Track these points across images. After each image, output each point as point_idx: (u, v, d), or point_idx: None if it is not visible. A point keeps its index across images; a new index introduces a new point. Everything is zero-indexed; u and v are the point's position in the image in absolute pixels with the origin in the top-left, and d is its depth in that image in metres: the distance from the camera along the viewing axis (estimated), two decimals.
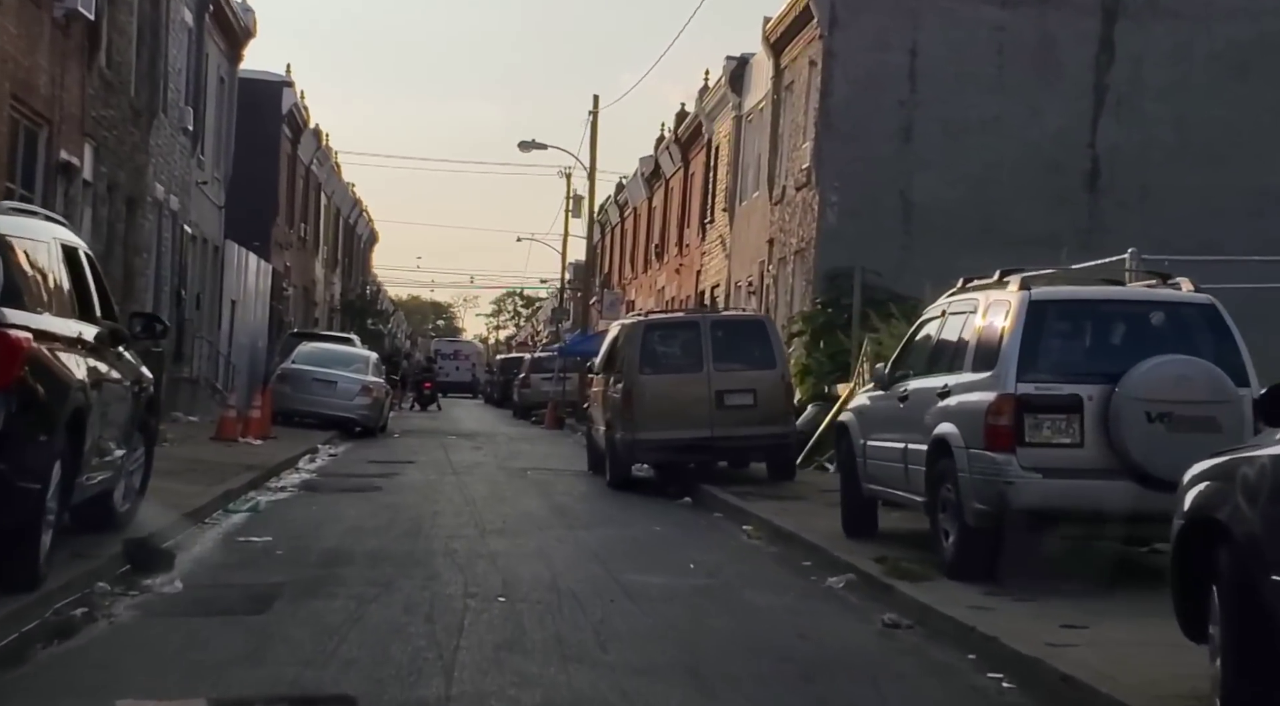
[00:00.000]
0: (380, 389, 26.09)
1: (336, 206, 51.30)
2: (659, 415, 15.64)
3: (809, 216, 22.07)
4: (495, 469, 18.96)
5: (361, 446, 22.89)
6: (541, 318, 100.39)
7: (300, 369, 25.33)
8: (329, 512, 12.62)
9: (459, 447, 23.62)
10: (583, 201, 66.04)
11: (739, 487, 15.19)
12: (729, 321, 16.63)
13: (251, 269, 30.82)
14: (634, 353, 15.86)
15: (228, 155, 27.99)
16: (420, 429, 29.73)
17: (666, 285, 38.45)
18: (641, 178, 43.38)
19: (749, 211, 27.39)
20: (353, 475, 16.86)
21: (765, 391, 15.78)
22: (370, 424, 25.32)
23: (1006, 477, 8.30)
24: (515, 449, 24.07)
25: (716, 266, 30.33)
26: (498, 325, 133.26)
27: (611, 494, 15.71)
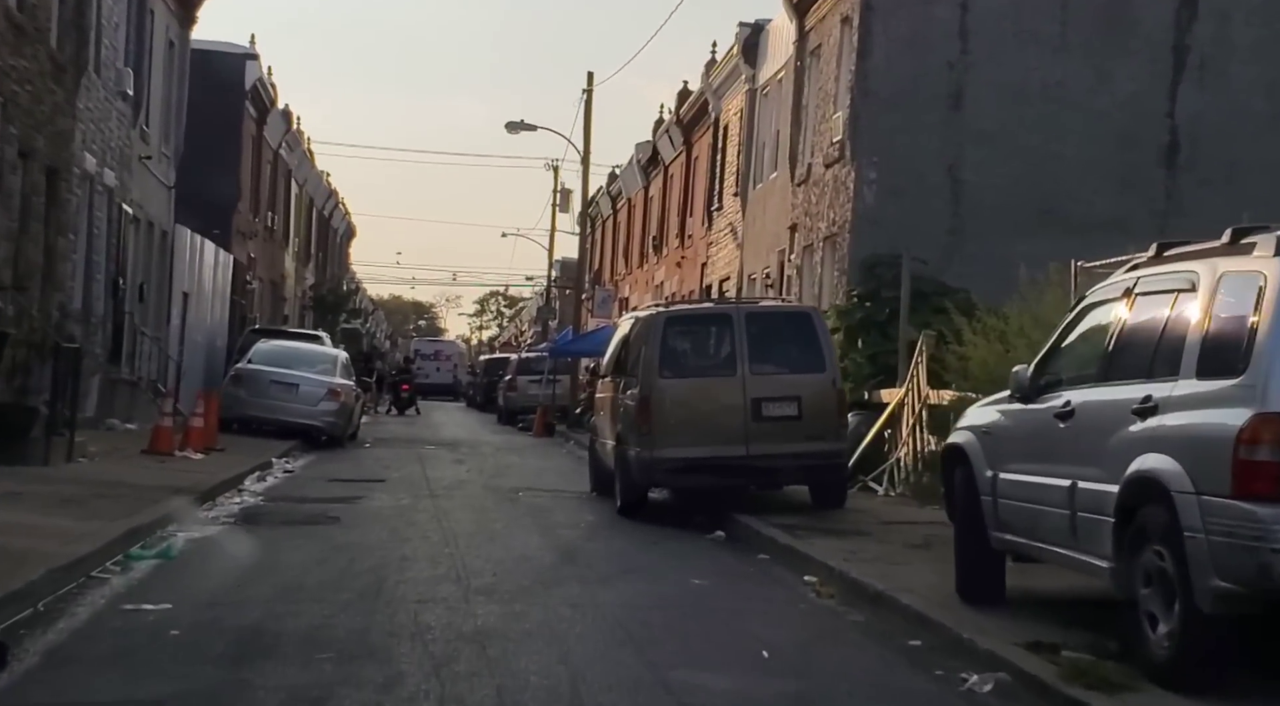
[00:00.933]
0: (349, 392, 23.11)
1: (309, 196, 48.24)
2: (682, 428, 12.75)
3: (842, 197, 19.18)
4: (481, 489, 16.00)
5: (325, 459, 19.91)
6: (526, 317, 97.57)
7: (256, 370, 22.33)
8: (264, 559, 9.65)
9: (438, 461, 20.66)
10: (571, 195, 63.04)
11: (781, 517, 12.30)
12: (768, 314, 13.68)
13: (209, 258, 27.78)
14: (652, 352, 12.95)
15: (179, 129, 24.97)
16: (395, 437, 26.74)
17: (666, 280, 35.52)
18: (637, 165, 40.44)
19: (765, 195, 24.50)
20: (307, 499, 13.89)
21: (812, 400, 12.87)
22: (337, 432, 22.35)
23: (1273, 542, 5.42)
24: (502, 462, 21.12)
25: (726, 257, 27.43)
26: (480, 325, 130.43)
27: (625, 525, 12.77)
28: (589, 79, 32.92)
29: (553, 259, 64.40)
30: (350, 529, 11.58)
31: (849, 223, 18.78)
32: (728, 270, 27.09)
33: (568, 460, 22.63)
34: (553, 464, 21.35)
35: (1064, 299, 11.39)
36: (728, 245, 27.36)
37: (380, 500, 14.04)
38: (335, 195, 55.20)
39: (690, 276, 31.64)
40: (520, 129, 33.63)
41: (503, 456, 22.48)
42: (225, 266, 30.18)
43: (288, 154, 40.70)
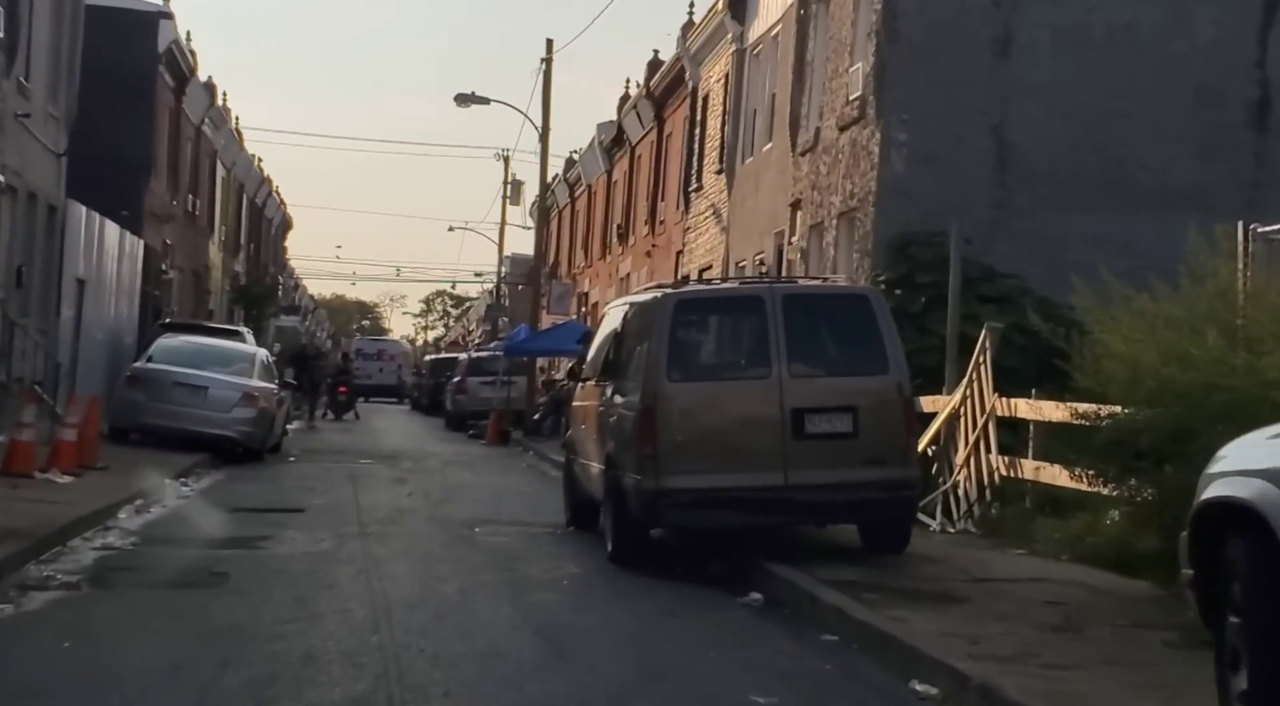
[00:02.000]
0: (269, 397, 19.59)
1: (239, 181, 44.48)
2: (698, 449, 9.47)
3: (862, 164, 15.96)
4: (426, 522, 12.57)
5: (236, 478, 16.42)
6: (474, 316, 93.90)
7: (157, 370, 18.78)
8: (90, 663, 6.23)
9: (375, 480, 17.22)
10: (523, 186, 59.71)
11: (829, 568, 9.06)
12: (813, 296, 10.28)
13: (111, 241, 24.09)
14: (658, 347, 9.62)
15: (70, 88, 21.33)
16: (327, 447, 23.23)
17: (633, 272, 32.19)
18: (599, 148, 37.12)
19: (756, 170, 21.26)
20: (194, 542, 10.45)
21: (872, 410, 9.60)
22: (254, 443, 18.83)
23: None
24: (452, 480, 17.71)
25: (707, 243, 24.16)
26: (426, 325, 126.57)
27: (623, 581, 9.43)
28: (548, 47, 29.57)
29: (503, 254, 61.08)
30: (240, 596, 8.15)
31: (872, 195, 15.56)
32: (709, 258, 23.82)
33: (529, 476, 19.27)
34: (512, 482, 17.98)
35: (1233, 275, 8.22)
36: (709, 229, 24.10)
37: (292, 542, 10.61)
38: (269, 182, 51.45)
39: (663, 266, 28.34)
40: (471, 102, 30.19)
41: (452, 472, 19.06)
42: (134, 252, 26.48)
43: (212, 132, 36.98)
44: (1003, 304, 14.36)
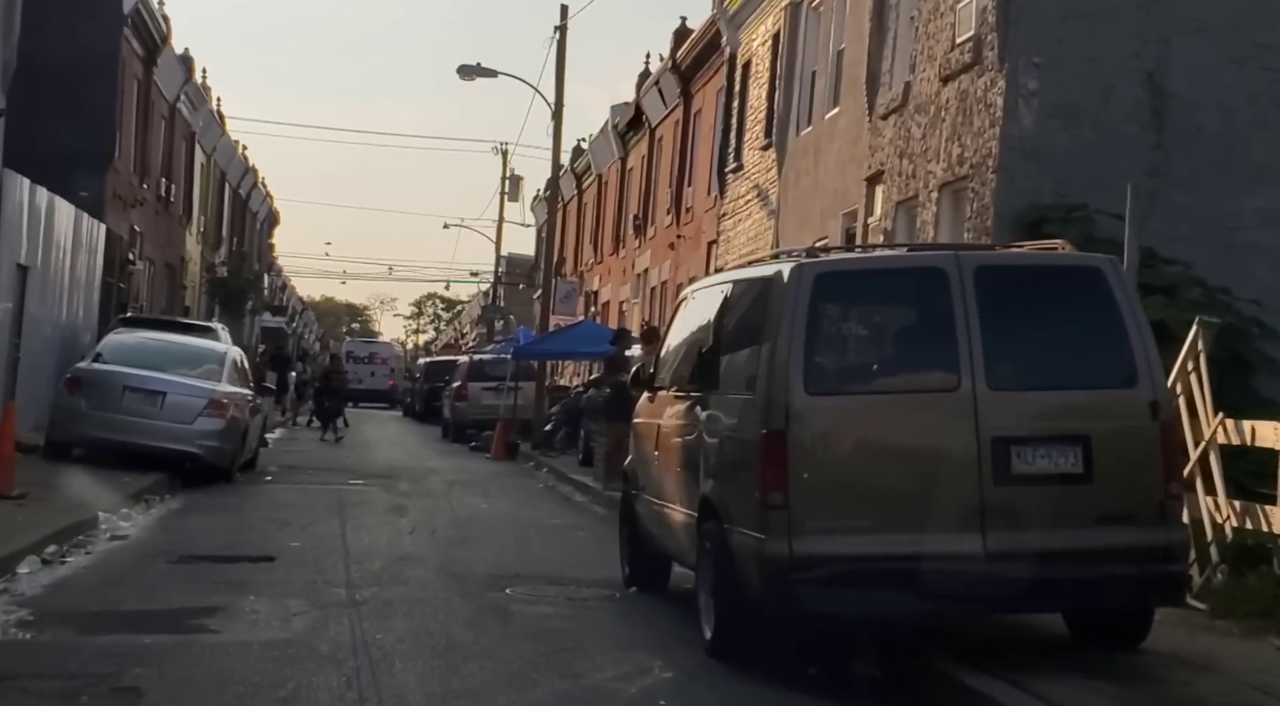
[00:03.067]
0: (241, 404, 16.39)
1: (221, 170, 41.22)
2: (852, 496, 6.32)
3: (978, 121, 12.81)
4: (437, 578, 9.33)
5: (193, 508, 13.23)
6: (467, 318, 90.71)
7: (103, 372, 15.56)
8: None
9: (368, 508, 14.01)
10: (521, 182, 56.81)
11: (1042, 677, 6.03)
12: (1020, 270, 6.93)
13: (63, 223, 20.87)
14: (788, 343, 6.44)
15: (7, 39, 18.10)
16: (310, 464, 20.01)
17: (653, 267, 29.05)
18: (612, 133, 33.98)
19: (817, 142, 18.11)
20: (104, 619, 7.27)
21: (1114, 441, 6.44)
22: (222, 460, 15.64)
23: None
24: (463, 508, 14.50)
25: (750, 230, 21.01)
26: (418, 329, 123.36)
27: (743, 695, 6.28)
28: (562, 13, 26.39)
29: (500, 252, 57.94)
30: None
31: (991, 158, 12.41)
32: (753, 246, 20.66)
33: (552, 503, 16.09)
34: (534, 511, 14.81)
35: None
36: (753, 214, 20.95)
37: (250, 620, 7.41)
38: (254, 173, 48.19)
39: (691, 260, 25.21)
40: (476, 74, 26.98)
41: (460, 497, 15.86)
42: (94, 238, 23.26)
43: (189, 112, 33.74)
44: (1171, 294, 11.25)
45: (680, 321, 8.58)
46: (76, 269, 21.96)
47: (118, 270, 26.56)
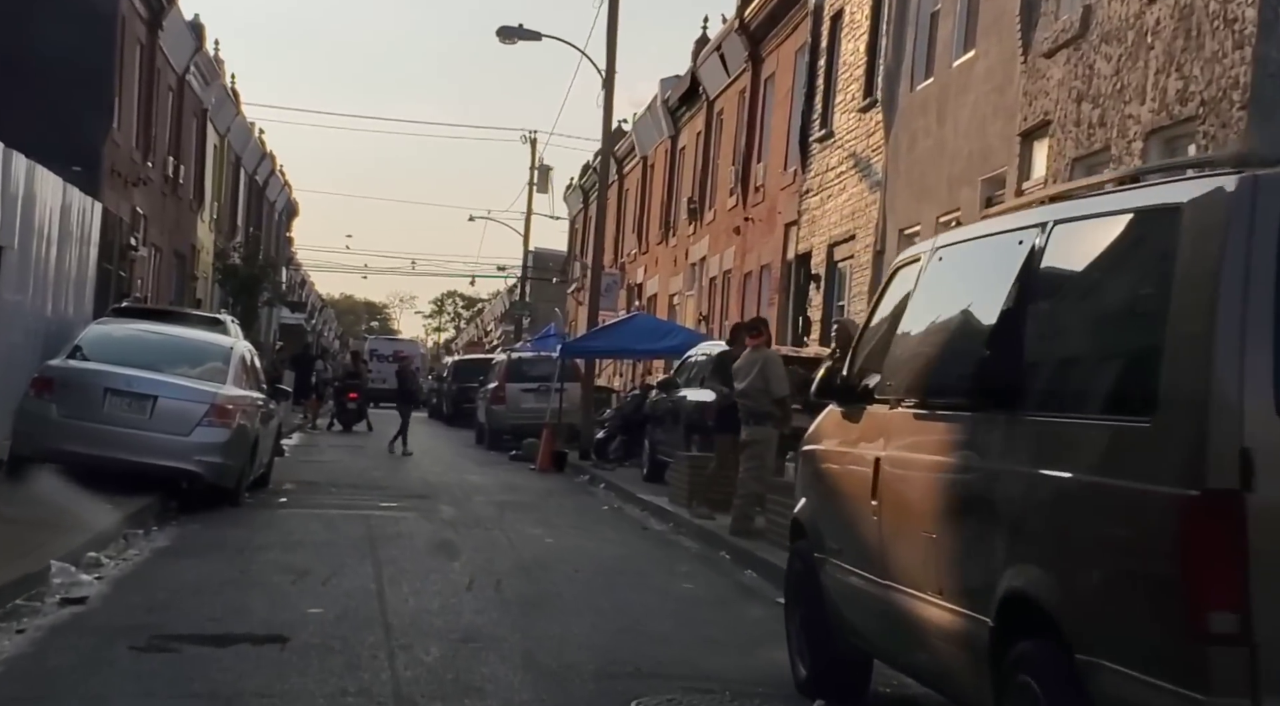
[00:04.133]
0: (251, 410, 13.48)
1: (235, 153, 38.40)
2: None
3: (1209, 46, 9.78)
4: (525, 680, 6.26)
5: (183, 549, 10.26)
6: (490, 315, 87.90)
7: (81, 371, 12.67)
8: None
9: (407, 546, 11.01)
10: (551, 172, 53.85)
11: None
12: None
13: (49, 198, 17.96)
14: (1232, 320, 3.47)
15: None
16: (332, 479, 17.07)
17: (712, 255, 26.08)
18: (662, 109, 30.99)
19: (942, 94, 15.10)
20: None
21: None
22: (226, 480, 12.73)
23: None
24: (525, 544, 11.49)
25: (844, 207, 18.00)
26: (438, 327, 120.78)
27: None
28: None
29: (529, 246, 55.09)
30: None
31: (1238, 90, 9.39)
32: (850, 226, 17.67)
33: (628, 533, 13.10)
34: (613, 547, 11.82)
35: None
36: (848, 188, 17.94)
37: None
38: (272, 159, 45.38)
39: (762, 244, 22.24)
40: (518, 37, 24.01)
41: (517, 525, 12.89)
42: (87, 218, 20.36)
43: (200, 86, 30.91)
44: None
45: (908, 299, 5.57)
46: (67, 252, 19.05)
47: (117, 256, 23.70)
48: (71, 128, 20.84)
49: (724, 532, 12.11)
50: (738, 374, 12.03)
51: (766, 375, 11.88)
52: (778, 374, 11.89)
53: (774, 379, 11.88)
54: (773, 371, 11.89)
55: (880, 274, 16.04)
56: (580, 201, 46.28)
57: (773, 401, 11.83)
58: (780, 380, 11.88)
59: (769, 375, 11.88)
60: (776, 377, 11.88)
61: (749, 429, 12.01)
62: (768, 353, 12.09)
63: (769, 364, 11.91)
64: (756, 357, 11.95)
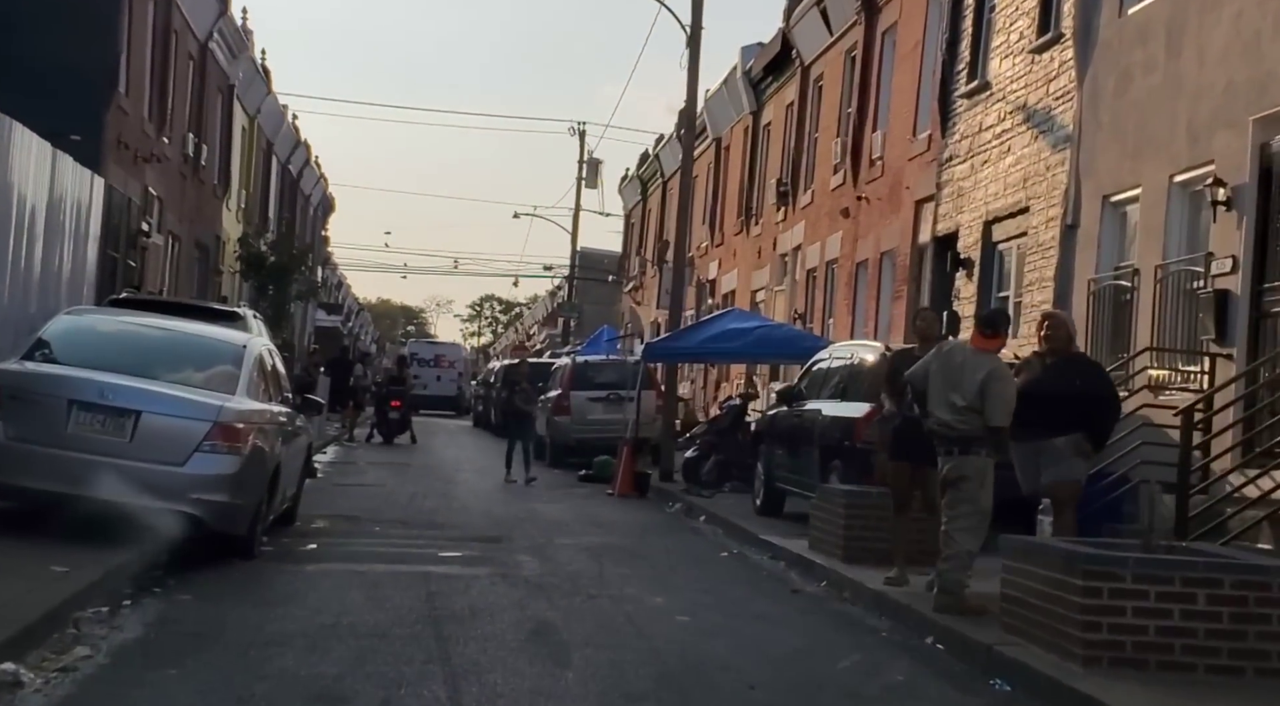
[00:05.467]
0: (270, 429, 10.12)
1: (267, 138, 35.22)
2: None
3: None
4: None
5: (159, 649, 6.74)
6: (532, 318, 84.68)
7: (38, 376, 9.33)
8: None
9: (484, 630, 7.45)
10: (600, 166, 50.64)
11: None
12: None
13: (31, 164, 14.69)
14: None
15: None
16: (374, 512, 13.62)
17: (809, 244, 22.59)
18: (743, 81, 27.52)
19: (1176, 16, 11.52)
20: None
21: None
22: (234, 524, 9.38)
23: None
24: (652, 623, 7.91)
25: (1004, 173, 14.41)
26: (476, 331, 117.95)
27: None
28: None
29: (577, 245, 51.86)
30: None
31: None
32: (1019, 197, 14.11)
33: (786, 603, 9.55)
34: (785, 635, 8.25)
35: None
36: (1013, 149, 14.38)
37: None
38: (306, 148, 42.22)
39: (881, 226, 18.71)
40: None
41: (627, 587, 9.38)
42: (86, 194, 17.15)
43: (226, 59, 27.70)
44: None
45: None
46: (56, 236, 15.82)
47: (125, 242, 20.48)
48: (66, 86, 17.65)
49: (918, 604, 8.66)
50: (943, 380, 8.60)
51: (988, 393, 8.44)
52: (1004, 395, 8.45)
53: (996, 399, 8.43)
54: (999, 390, 8.45)
55: (1073, 253, 12.54)
56: (638, 193, 42.91)
57: (985, 427, 8.43)
58: (1004, 403, 8.45)
59: (991, 394, 8.43)
60: (1000, 399, 8.44)
61: (954, 459, 8.56)
62: (998, 363, 8.63)
63: (997, 379, 8.45)
64: (981, 364, 8.49)
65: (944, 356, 8.78)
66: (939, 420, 8.63)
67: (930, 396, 8.69)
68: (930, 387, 8.68)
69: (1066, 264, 12.79)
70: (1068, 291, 12.72)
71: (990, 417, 8.43)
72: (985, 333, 8.71)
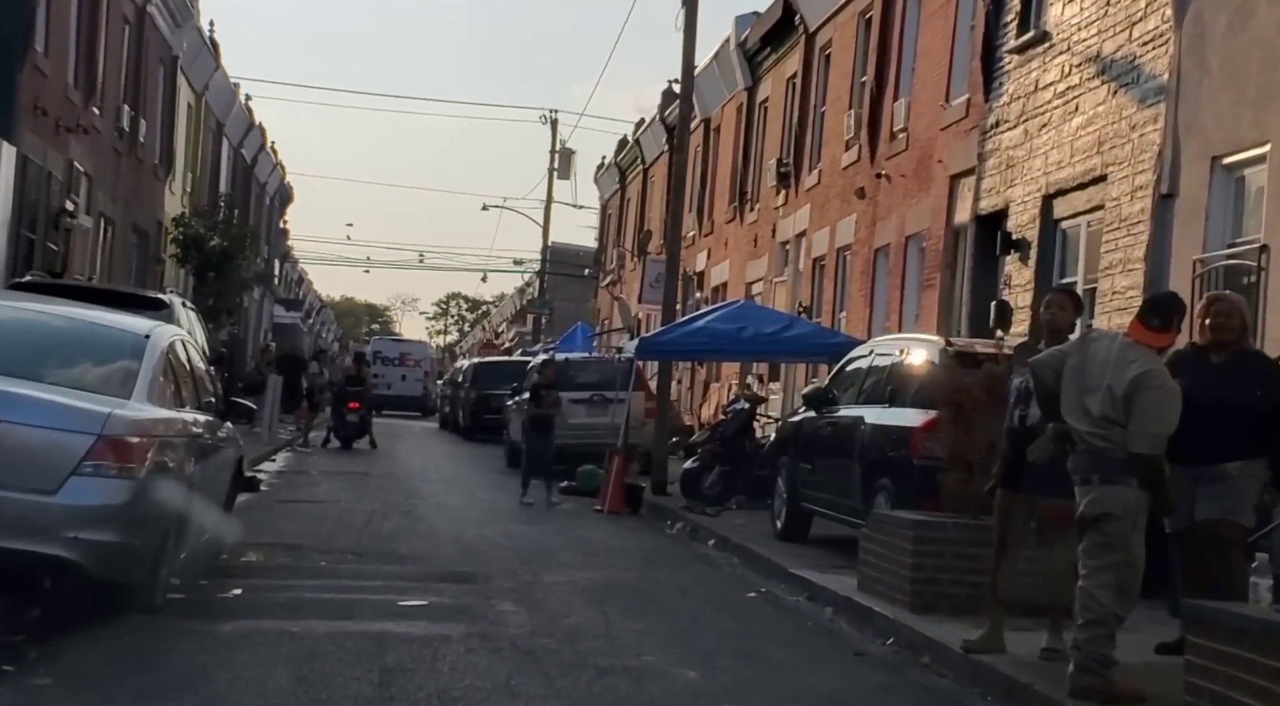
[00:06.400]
0: (175, 442, 7.76)
1: (217, 119, 32.69)
2: None
3: None
4: None
5: None
6: (500, 316, 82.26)
7: None
8: None
9: None
10: (573, 156, 48.46)
11: None
12: None
13: None
14: None
15: None
16: (321, 539, 11.17)
17: (816, 230, 20.34)
18: (736, 54, 25.26)
19: None
20: None
21: None
22: (124, 570, 7.03)
23: None
24: None
25: (1071, 140, 12.18)
26: (442, 329, 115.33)
27: None
28: None
29: (547, 239, 49.58)
30: None
31: None
32: (1093, 163, 11.90)
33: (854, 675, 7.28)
34: None
35: None
36: (1087, 109, 12.15)
37: None
38: (262, 132, 39.67)
39: (906, 206, 16.47)
40: None
41: (646, 652, 7.11)
42: None
43: (168, 28, 25.20)
44: None
45: None
46: None
47: (44, 221, 18.09)
48: None
49: (1042, 681, 6.45)
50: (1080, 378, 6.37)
51: (1135, 403, 6.22)
52: (1158, 410, 6.22)
53: (1145, 415, 6.21)
54: (1151, 402, 6.22)
55: (1168, 228, 10.36)
56: (616, 182, 40.60)
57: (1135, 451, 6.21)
58: (1157, 421, 6.22)
59: (1139, 406, 6.21)
60: (1151, 415, 6.21)
61: (1093, 489, 6.33)
62: (1157, 364, 6.35)
63: (1151, 386, 6.22)
64: (1134, 361, 6.26)
65: (1085, 347, 6.54)
66: (1074, 432, 6.40)
67: (1063, 400, 6.46)
68: (1064, 388, 6.46)
69: (1161, 241, 10.61)
70: (1162, 274, 10.54)
71: (1133, 439, 6.19)
72: (1152, 323, 6.40)
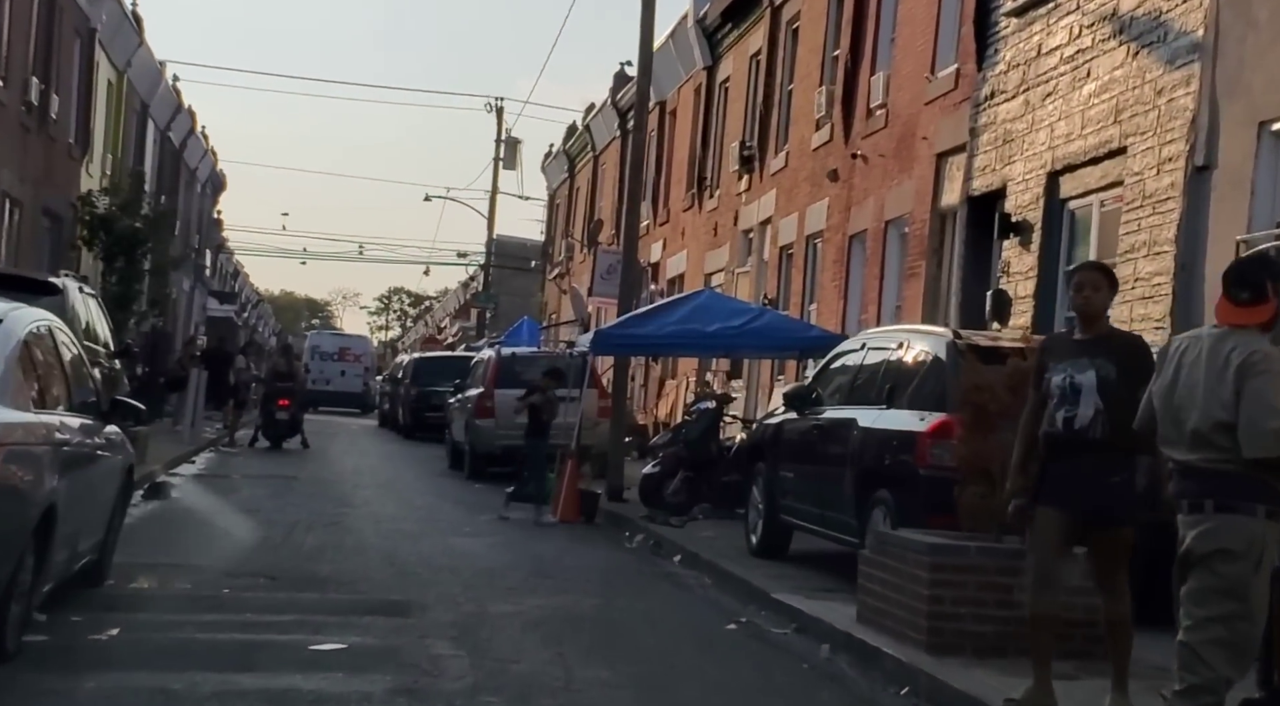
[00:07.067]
0: (34, 451, 6.20)
1: (141, 99, 30.78)
2: None
3: None
4: None
5: None
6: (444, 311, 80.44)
7: None
8: None
9: None
10: (519, 146, 47.01)
11: None
12: None
13: None
14: None
15: None
16: (230, 561, 9.61)
17: (781, 216, 18.97)
18: (695, 31, 23.86)
19: None
20: None
21: None
22: None
23: None
24: None
25: (1082, 110, 10.83)
26: (384, 325, 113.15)
27: None
28: None
29: (493, 232, 48.02)
30: None
31: None
32: (1109, 135, 10.56)
33: None
34: None
35: None
36: (1101, 74, 10.82)
37: None
38: (191, 116, 37.73)
39: (885, 189, 15.13)
40: None
41: None
42: None
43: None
44: None
45: None
46: None
47: None
48: None
49: None
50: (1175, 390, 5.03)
51: (1244, 395, 4.88)
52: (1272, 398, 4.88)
53: (1257, 405, 4.87)
54: (1260, 389, 4.88)
55: (1205, 203, 9.11)
56: (564, 170, 39.12)
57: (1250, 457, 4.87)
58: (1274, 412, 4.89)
59: (1249, 394, 4.87)
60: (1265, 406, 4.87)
61: (1205, 519, 4.97)
62: (1262, 344, 5.01)
63: (1258, 370, 4.88)
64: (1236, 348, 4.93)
65: (1170, 361, 5.17)
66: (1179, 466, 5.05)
67: (1160, 433, 5.13)
68: (1159, 418, 5.12)
69: (1195, 219, 9.33)
70: (1197, 256, 9.27)
71: (1246, 440, 4.86)
72: (1241, 298, 5.08)
